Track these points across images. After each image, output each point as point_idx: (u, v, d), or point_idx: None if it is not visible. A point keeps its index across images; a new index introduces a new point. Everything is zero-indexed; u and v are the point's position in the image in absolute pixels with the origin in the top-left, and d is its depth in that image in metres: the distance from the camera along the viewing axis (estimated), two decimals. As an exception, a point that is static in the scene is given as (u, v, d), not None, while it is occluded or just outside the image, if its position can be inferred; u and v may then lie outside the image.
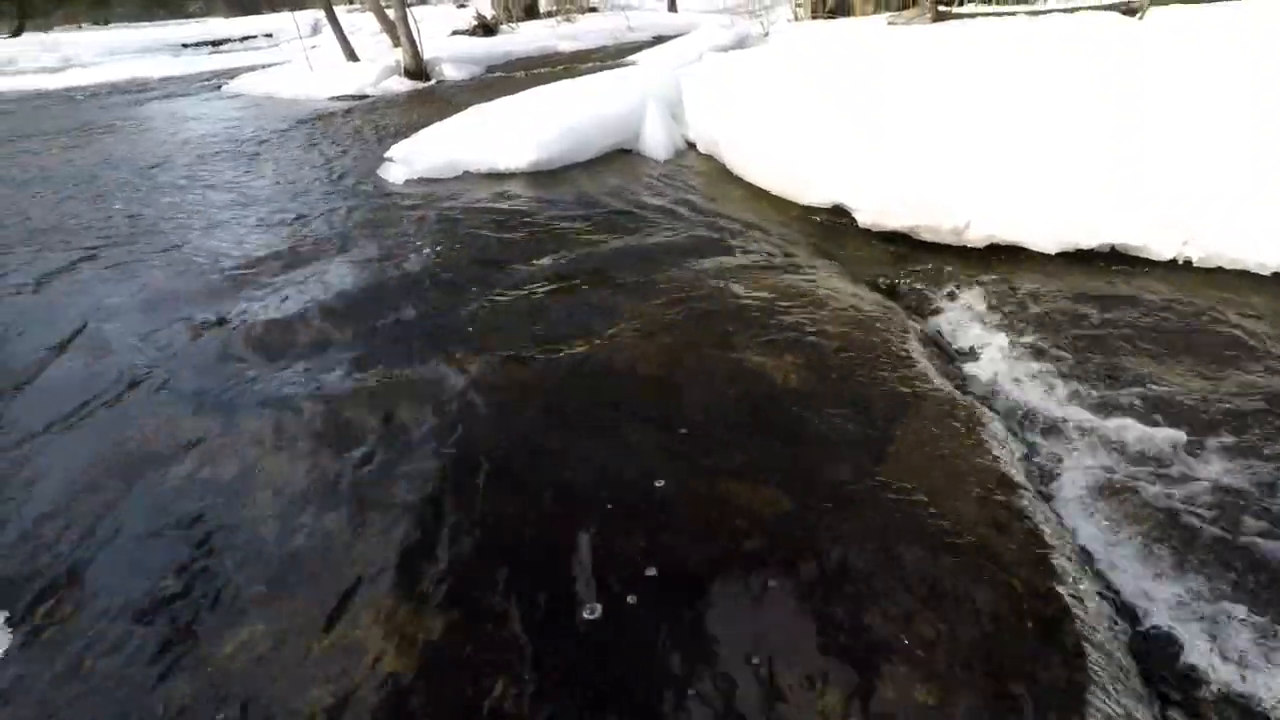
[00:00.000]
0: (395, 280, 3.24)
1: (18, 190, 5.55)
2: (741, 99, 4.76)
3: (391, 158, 5.17)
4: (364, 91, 9.52)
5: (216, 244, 3.90)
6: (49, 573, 1.69)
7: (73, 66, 17.12)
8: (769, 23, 8.45)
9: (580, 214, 3.96)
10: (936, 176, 3.33)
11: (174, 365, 2.62)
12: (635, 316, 2.73)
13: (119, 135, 8.00)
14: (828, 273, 3.06)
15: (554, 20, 14.29)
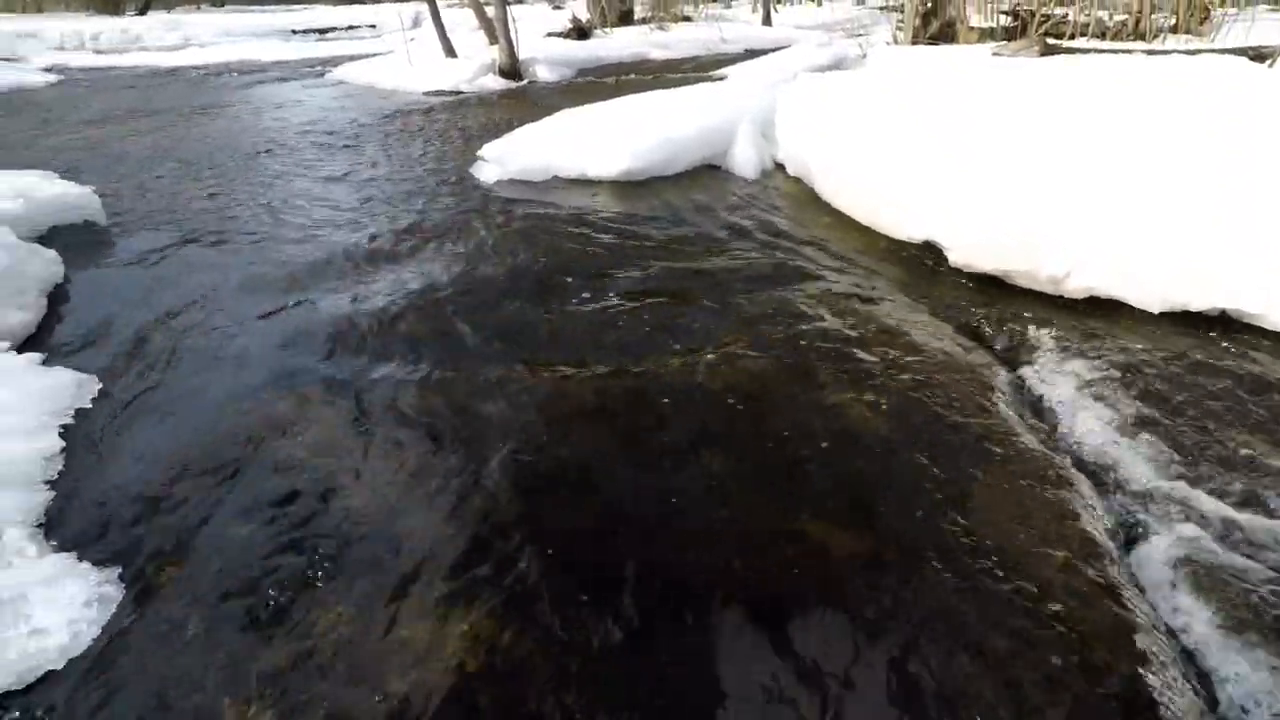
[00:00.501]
0: (481, 281, 3.34)
1: (139, 167, 5.93)
2: (835, 123, 4.72)
3: (484, 157, 5.32)
4: (459, 88, 9.80)
5: (313, 231, 4.08)
6: (157, 536, 1.81)
7: (191, 45, 18.15)
8: (867, 45, 8.33)
9: (665, 229, 4.00)
10: (1036, 221, 3.23)
11: (264, 349, 2.76)
12: (715, 341, 2.74)
13: (231, 117, 8.45)
14: (914, 311, 3.01)
15: (647, 27, 14.42)
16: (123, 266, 3.60)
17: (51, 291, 3.14)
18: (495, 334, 2.84)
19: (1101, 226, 3.07)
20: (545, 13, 19.90)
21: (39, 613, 1.50)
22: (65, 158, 6.35)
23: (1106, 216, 3.10)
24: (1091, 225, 3.09)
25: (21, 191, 3.73)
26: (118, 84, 12.37)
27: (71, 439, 2.14)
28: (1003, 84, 4.77)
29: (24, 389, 2.27)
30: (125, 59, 16.46)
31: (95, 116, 8.79)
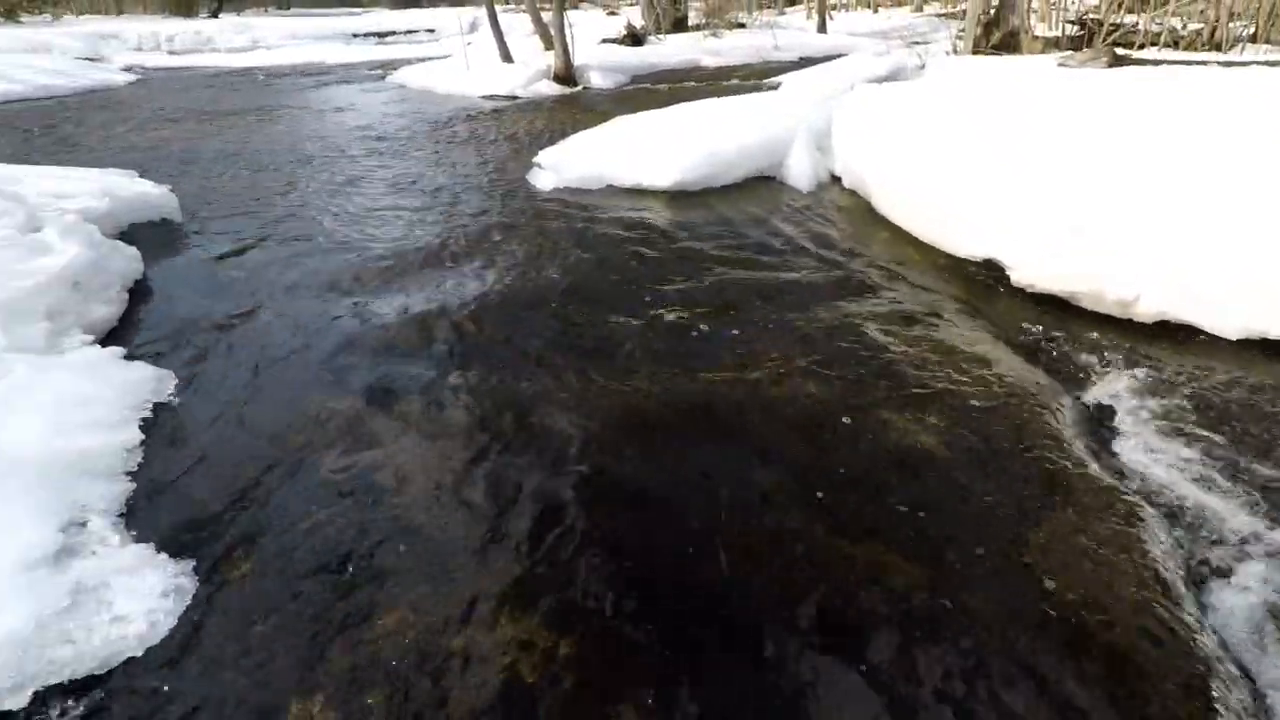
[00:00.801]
0: (536, 289, 3.38)
1: (211, 166, 6.16)
2: (893, 136, 4.66)
3: (540, 164, 5.39)
4: (514, 93, 9.96)
5: (375, 235, 4.19)
6: (228, 530, 1.88)
7: (259, 48, 18.80)
8: (927, 54, 8.20)
9: (719, 241, 3.99)
10: (1105, 241, 3.14)
11: (327, 348, 2.84)
12: (769, 356, 2.73)
13: (295, 119, 8.72)
14: (975, 332, 2.95)
15: (701, 34, 14.44)
16: (197, 264, 3.75)
17: (132, 287, 3.28)
18: (550, 342, 2.88)
19: (1175, 248, 2.97)
20: (599, 19, 20.08)
21: (120, 601, 1.58)
22: (142, 155, 6.63)
23: (1180, 238, 2.99)
24: (1164, 246, 2.99)
25: (107, 190, 3.91)
26: (190, 84, 12.87)
27: (150, 432, 2.24)
28: (1069, 96, 4.65)
29: (108, 382, 2.38)
30: (198, 60, 17.13)
31: (169, 115, 9.17)
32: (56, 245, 3.09)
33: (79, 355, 2.53)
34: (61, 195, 3.69)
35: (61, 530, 1.72)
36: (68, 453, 1.99)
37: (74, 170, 4.59)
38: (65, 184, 3.90)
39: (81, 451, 2.01)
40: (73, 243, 3.13)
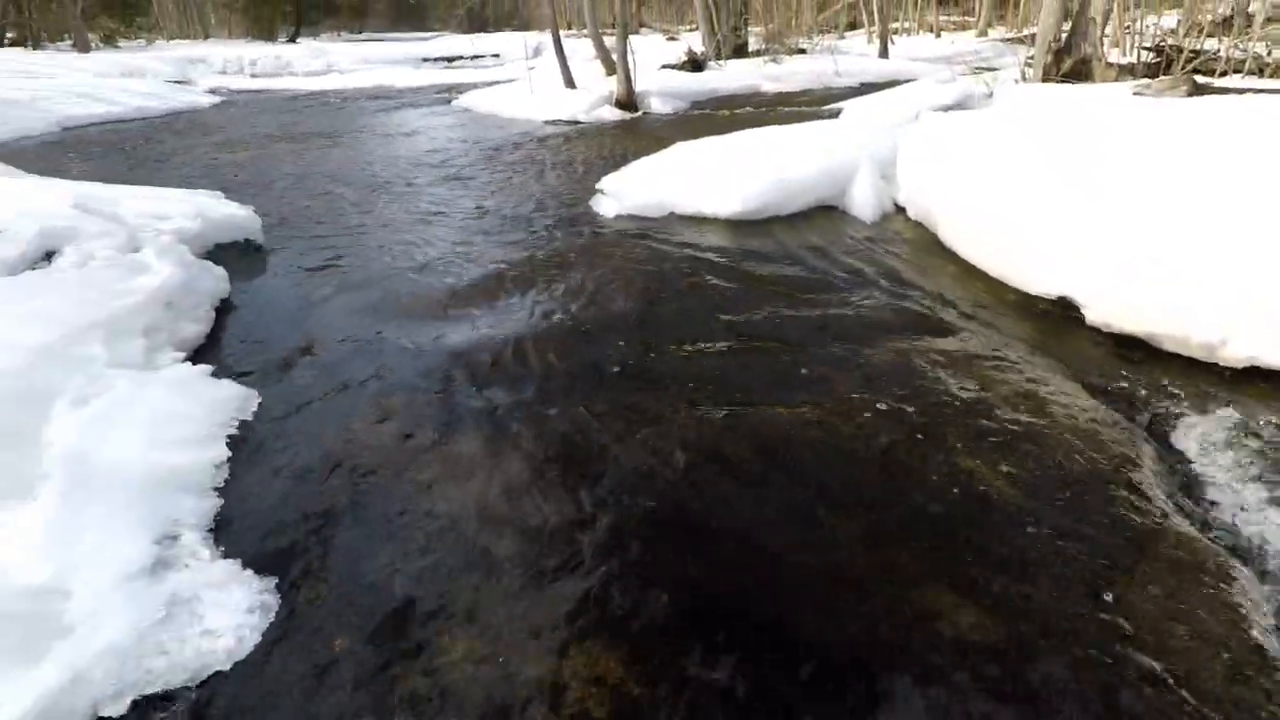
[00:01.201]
0: (602, 317, 3.43)
1: (288, 188, 6.45)
2: (961, 167, 4.59)
3: (603, 190, 5.48)
4: (576, 118, 10.16)
5: (443, 258, 4.31)
6: (309, 550, 1.95)
7: (333, 71, 19.63)
8: (994, 82, 8.07)
9: (782, 272, 3.99)
10: (1188, 280, 3.02)
11: (399, 371, 2.93)
12: (837, 392, 2.71)
13: (366, 142, 9.06)
14: (1048, 373, 2.88)
15: (761, 60, 14.50)
16: (278, 284, 3.92)
17: (218, 305, 3.45)
18: (617, 372, 2.91)
19: (1266, 288, 2.84)
20: (659, 44, 20.36)
21: (210, 615, 1.65)
22: (225, 175, 6.99)
23: (1272, 277, 2.86)
24: (1253, 287, 2.87)
25: (199, 211, 4.13)
26: (269, 106, 13.51)
27: (235, 449, 2.34)
28: (1148, 127, 4.51)
29: (197, 399, 2.50)
30: (276, 83, 17.98)
31: (250, 137, 9.64)
32: (153, 265, 3.27)
33: (172, 372, 2.67)
34: (158, 216, 3.91)
35: (157, 543, 1.81)
36: (163, 468, 2.10)
37: (167, 191, 4.87)
38: (161, 205, 4.14)
39: (174, 467, 2.12)
40: (167, 263, 3.31)
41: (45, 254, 3.16)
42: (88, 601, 1.61)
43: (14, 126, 9.83)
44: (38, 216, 3.33)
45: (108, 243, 3.30)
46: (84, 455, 2.09)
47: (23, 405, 2.26)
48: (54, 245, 3.19)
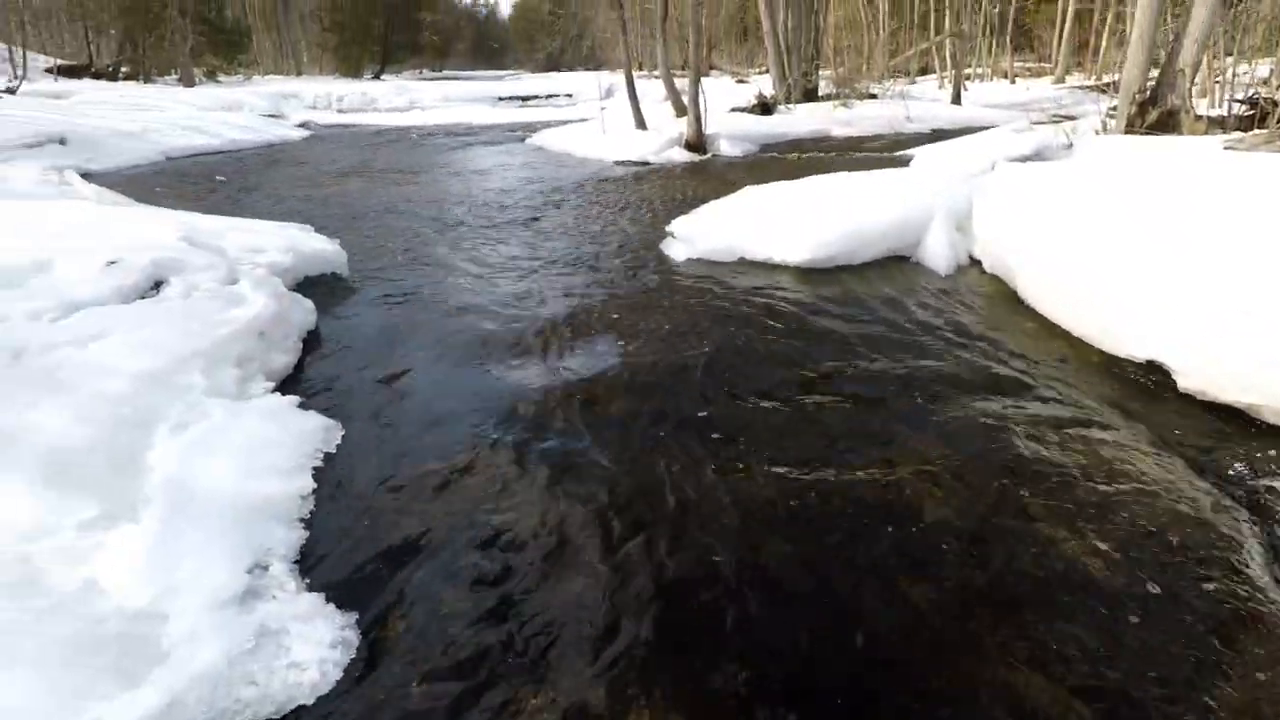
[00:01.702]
0: (672, 365, 3.45)
1: (372, 223, 6.74)
2: (1041, 220, 4.49)
3: (674, 233, 5.55)
4: (647, 159, 10.35)
5: (518, 297, 4.42)
6: (387, 586, 2.00)
7: (415, 108, 20.54)
8: (1073, 133, 7.89)
9: (853, 323, 3.95)
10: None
11: (475, 411, 3.00)
12: (913, 454, 2.66)
13: (446, 178, 9.42)
14: (1138, 442, 2.76)
15: (831, 104, 14.54)
16: (361, 318, 4.09)
17: (305, 337, 3.61)
18: (686, 422, 2.92)
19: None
20: (729, 86, 20.64)
21: (297, 648, 1.71)
22: (313, 207, 7.36)
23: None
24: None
25: (291, 245, 4.37)
26: (355, 140, 14.21)
27: (320, 481, 2.43)
28: (1244, 182, 4.34)
29: (286, 429, 2.62)
30: (362, 118, 18.91)
31: (336, 170, 10.14)
32: (249, 297, 3.46)
33: (263, 402, 2.81)
34: (254, 249, 4.14)
35: (248, 572, 1.89)
36: (254, 496, 2.20)
37: (262, 224, 5.15)
38: (257, 238, 4.38)
39: (265, 496, 2.21)
40: (262, 295, 3.50)
41: (155, 283, 3.37)
42: (184, 626, 1.69)
43: (127, 157, 10.58)
44: (150, 248, 3.57)
45: (210, 275, 3.51)
46: (183, 481, 2.21)
47: (130, 430, 2.41)
48: (163, 275, 3.41)
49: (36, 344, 2.71)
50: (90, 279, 3.23)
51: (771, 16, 14.84)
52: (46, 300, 2.99)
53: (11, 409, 2.35)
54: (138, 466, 2.27)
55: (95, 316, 2.98)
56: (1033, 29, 25.79)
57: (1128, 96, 8.25)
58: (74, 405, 2.43)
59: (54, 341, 2.75)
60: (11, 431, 2.25)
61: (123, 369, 2.70)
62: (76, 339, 2.81)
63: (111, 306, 3.10)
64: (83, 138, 10.67)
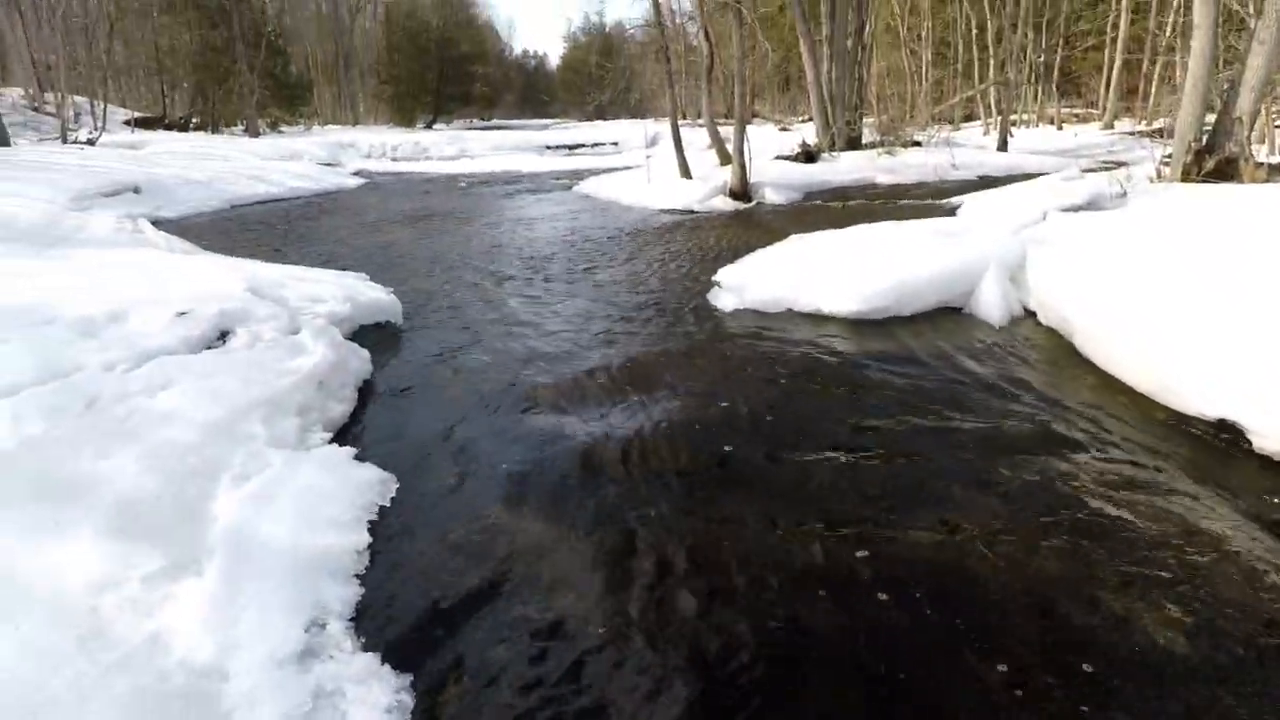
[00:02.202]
0: (721, 417, 3.42)
1: (423, 271, 6.93)
2: (1100, 272, 4.39)
3: (721, 283, 5.57)
4: (692, 207, 10.46)
5: (569, 348, 4.45)
6: (441, 648, 1.99)
7: (465, 157, 21.20)
8: (1127, 181, 7.75)
9: (905, 376, 3.89)
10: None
11: (526, 466, 3.00)
12: (974, 515, 2.57)
13: (495, 225, 9.65)
14: (1214, 505, 2.63)
15: (875, 152, 14.56)
16: (415, 367, 4.16)
17: (361, 386, 3.69)
18: (738, 478, 2.89)
19: None
20: (772, 134, 20.87)
21: (352, 712, 1.70)
22: (367, 255, 7.59)
23: None
24: None
25: (349, 295, 4.50)
26: (408, 188, 14.69)
27: (376, 535, 2.45)
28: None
29: (343, 481, 2.66)
30: (415, 166, 19.58)
31: (390, 218, 10.47)
32: (309, 347, 3.56)
33: (321, 453, 2.86)
34: (314, 299, 4.28)
35: (305, 630, 1.90)
36: (312, 550, 2.23)
37: (321, 273, 5.33)
38: (317, 288, 4.53)
39: (323, 550, 2.24)
40: (321, 344, 3.60)
41: (221, 333, 3.50)
42: (244, 686, 1.70)
43: (194, 204, 11.12)
44: (218, 299, 3.72)
45: (273, 324, 3.63)
46: (244, 532, 2.25)
47: (195, 479, 2.47)
48: (229, 326, 3.54)
49: (109, 393, 2.82)
50: (161, 329, 3.37)
51: (815, 67, 15.03)
52: (120, 350, 3.12)
53: (85, 458, 2.44)
54: (201, 517, 2.32)
55: (165, 366, 3.10)
56: (1079, 75, 25.61)
57: (1183, 144, 8.10)
58: (142, 454, 2.52)
59: (126, 391, 2.86)
60: (85, 481, 2.33)
61: (189, 418, 2.79)
62: (147, 388, 2.92)
63: (180, 356, 3.22)
64: (155, 186, 11.25)
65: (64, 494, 2.25)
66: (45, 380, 2.81)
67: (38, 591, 1.91)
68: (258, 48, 26.51)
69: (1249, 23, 8.38)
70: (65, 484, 2.30)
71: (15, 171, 10.35)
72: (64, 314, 3.27)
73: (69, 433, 2.54)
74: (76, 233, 7.36)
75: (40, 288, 3.67)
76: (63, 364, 2.94)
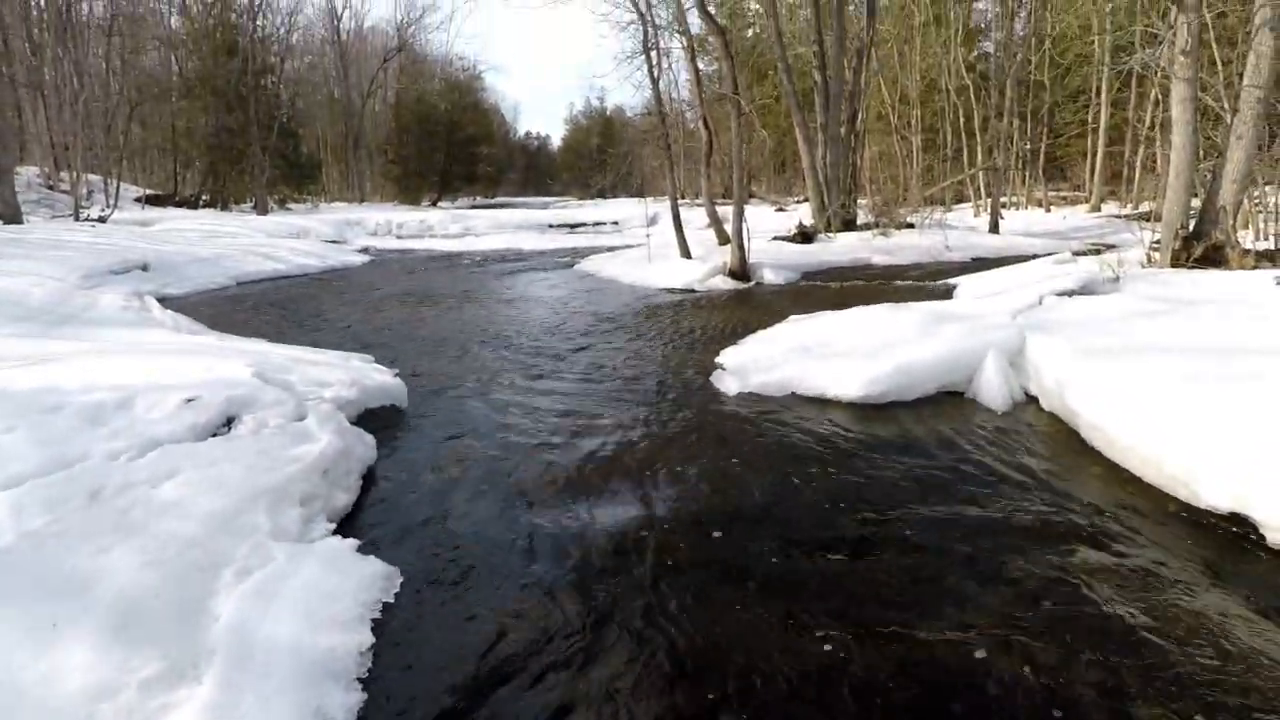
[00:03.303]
0: (727, 509, 3.39)
1: (427, 351, 6.98)
2: (1104, 361, 4.44)
3: (724, 365, 5.61)
4: (692, 286, 10.64)
5: (570, 434, 4.43)
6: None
7: (469, 235, 21.69)
8: (1118, 266, 7.93)
9: (912, 464, 3.88)
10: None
11: (530, 559, 2.96)
12: (986, 614, 2.52)
13: (498, 304, 9.78)
14: (1230, 605, 2.58)
15: (870, 233, 14.93)
16: (419, 453, 4.13)
17: (365, 473, 3.65)
18: (740, 571, 2.84)
19: None
20: (769, 214, 21.47)
21: (353, 833, 1.62)
22: (373, 334, 7.66)
23: None
24: None
25: (355, 380, 4.51)
26: (413, 265, 14.96)
27: (380, 635, 2.39)
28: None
29: (346, 576, 2.61)
30: (419, 243, 19.99)
31: (395, 296, 10.61)
32: (315, 433, 3.55)
33: (324, 545, 2.81)
34: (321, 383, 4.29)
35: (307, 741, 1.83)
36: (314, 651, 2.17)
37: (327, 355, 5.37)
38: (324, 371, 4.55)
39: (326, 651, 2.18)
40: (327, 431, 3.59)
41: (227, 420, 3.50)
42: (241, 805, 1.63)
43: (200, 281, 11.28)
44: (225, 384, 3.73)
45: (279, 410, 3.64)
46: (244, 632, 2.19)
47: (196, 575, 2.43)
48: (235, 412, 3.54)
49: (113, 484, 2.80)
50: (167, 416, 3.37)
51: (811, 153, 15.59)
52: (127, 438, 3.12)
53: (85, 553, 2.40)
54: (202, 615, 2.27)
55: (170, 454, 3.09)
56: (1064, 160, 26.52)
57: (1170, 231, 8.33)
58: (143, 549, 2.48)
59: (130, 481, 2.85)
60: (85, 577, 2.29)
61: (192, 509, 2.76)
62: (151, 477, 2.91)
63: (186, 444, 3.21)
64: (163, 264, 11.45)
65: (63, 591, 2.21)
66: (49, 470, 2.80)
67: (33, 697, 1.85)
68: (271, 130, 27.46)
69: (1224, 118, 8.77)
70: (65, 581, 2.26)
71: (28, 249, 10.55)
72: (72, 400, 3.28)
73: (71, 526, 2.51)
74: (85, 311, 7.44)
75: (49, 371, 3.69)
76: (68, 453, 2.93)
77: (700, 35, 17.34)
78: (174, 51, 29.47)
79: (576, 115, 66.41)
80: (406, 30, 43.58)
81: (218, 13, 28.09)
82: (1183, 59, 7.77)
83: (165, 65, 29.99)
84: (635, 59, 14.15)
